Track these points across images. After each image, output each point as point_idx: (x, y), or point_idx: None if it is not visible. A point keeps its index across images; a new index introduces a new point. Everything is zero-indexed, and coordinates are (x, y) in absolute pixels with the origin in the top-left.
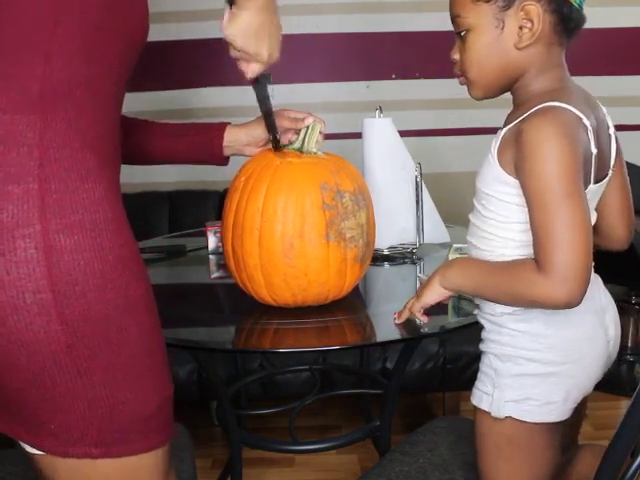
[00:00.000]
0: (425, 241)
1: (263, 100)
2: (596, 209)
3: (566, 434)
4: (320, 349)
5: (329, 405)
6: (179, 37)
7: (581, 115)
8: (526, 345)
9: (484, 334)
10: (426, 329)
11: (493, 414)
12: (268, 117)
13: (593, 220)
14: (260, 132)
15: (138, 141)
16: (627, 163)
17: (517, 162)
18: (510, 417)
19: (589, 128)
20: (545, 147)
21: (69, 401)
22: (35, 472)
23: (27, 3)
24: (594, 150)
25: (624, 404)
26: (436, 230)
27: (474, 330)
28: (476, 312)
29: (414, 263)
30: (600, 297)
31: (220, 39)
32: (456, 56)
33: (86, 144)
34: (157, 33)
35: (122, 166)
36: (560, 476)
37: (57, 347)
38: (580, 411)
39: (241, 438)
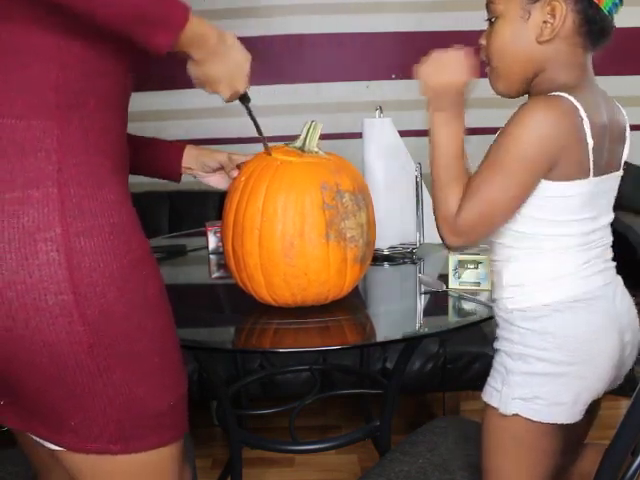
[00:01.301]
0: (425, 241)
1: (249, 115)
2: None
3: (574, 436)
4: (320, 349)
5: (329, 405)
6: None
7: (578, 106)
8: (536, 344)
9: (497, 331)
10: (426, 329)
11: (501, 410)
12: (256, 128)
13: (609, 219)
14: (209, 161)
15: None
16: (628, 163)
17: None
18: (518, 415)
19: (584, 120)
20: (528, 115)
21: (90, 399)
22: (35, 471)
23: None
24: (590, 141)
25: (624, 404)
26: (436, 230)
27: (474, 330)
28: (493, 305)
29: (414, 263)
30: (615, 299)
31: None
32: (483, 41)
33: (101, 151)
34: None
35: None
36: (562, 476)
37: (79, 347)
38: (592, 414)
39: (241, 438)
